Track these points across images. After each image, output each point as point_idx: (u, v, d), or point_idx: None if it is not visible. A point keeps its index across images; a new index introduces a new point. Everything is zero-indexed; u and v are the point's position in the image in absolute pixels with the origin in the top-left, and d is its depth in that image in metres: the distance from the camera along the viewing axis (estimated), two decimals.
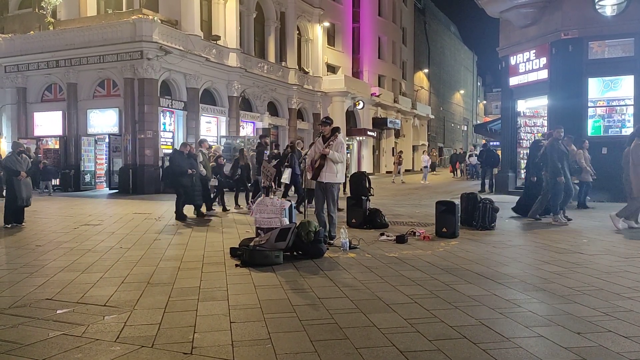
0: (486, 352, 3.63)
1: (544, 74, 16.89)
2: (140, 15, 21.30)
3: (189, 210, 11.81)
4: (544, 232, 9.57)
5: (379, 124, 40.17)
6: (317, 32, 34.31)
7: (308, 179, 12.10)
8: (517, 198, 16.36)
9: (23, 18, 25.75)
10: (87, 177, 21.69)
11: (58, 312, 4.60)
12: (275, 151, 15.89)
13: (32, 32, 24.05)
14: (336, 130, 8.08)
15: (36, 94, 23.83)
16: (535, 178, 11.35)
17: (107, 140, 21.32)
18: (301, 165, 10.52)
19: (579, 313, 4.52)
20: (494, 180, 19.51)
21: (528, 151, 12.69)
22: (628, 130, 14.91)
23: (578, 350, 3.65)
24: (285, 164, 13.60)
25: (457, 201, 9.53)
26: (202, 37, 24.03)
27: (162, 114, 22.12)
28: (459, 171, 34.65)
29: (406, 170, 38.32)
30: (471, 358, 3.53)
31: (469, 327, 4.14)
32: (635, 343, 3.80)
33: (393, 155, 36.88)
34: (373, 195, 12.24)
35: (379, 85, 42.24)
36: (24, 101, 23.73)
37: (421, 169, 30.99)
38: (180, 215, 11.35)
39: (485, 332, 4.05)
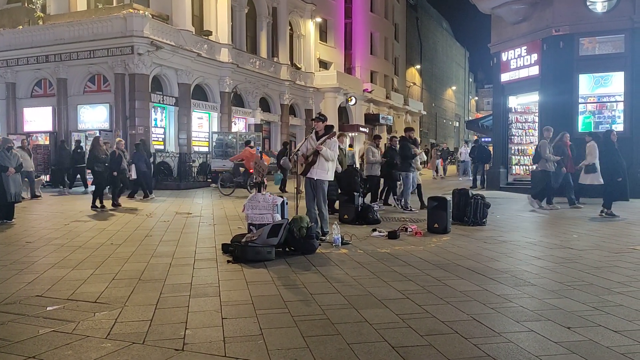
0: (477, 347, 3.64)
1: (535, 70, 16.95)
2: (130, 10, 21.17)
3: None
4: (535, 228, 9.63)
5: (371, 120, 40.20)
6: (309, 27, 34.24)
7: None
8: (508, 194, 16.49)
9: (12, 12, 25.50)
10: None
11: (48, 309, 4.56)
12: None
13: (21, 26, 23.82)
14: (331, 128, 8.10)
15: (26, 90, 23.63)
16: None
17: (97, 136, 21.16)
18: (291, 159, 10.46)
19: (569, 308, 4.55)
20: (485, 176, 19.59)
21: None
22: (618, 127, 15.04)
23: (568, 345, 3.67)
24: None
25: (449, 197, 9.57)
26: (194, 33, 23.93)
27: (153, 110, 22.02)
28: (441, 169, 30.15)
29: None
30: (462, 353, 3.55)
31: (460, 322, 4.16)
32: (624, 337, 3.83)
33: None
34: (365, 191, 12.28)
35: (371, 82, 42.26)
36: (14, 96, 23.53)
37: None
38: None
39: (477, 327, 4.07)
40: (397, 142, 12.49)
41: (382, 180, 12.74)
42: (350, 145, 33.30)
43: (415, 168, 12.07)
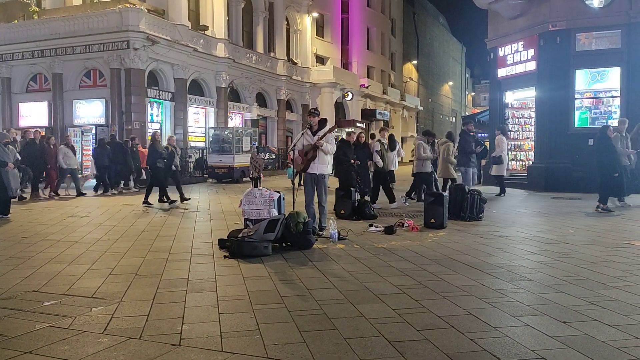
0: (473, 341, 3.66)
1: (531, 66, 16.97)
2: (126, 5, 21.06)
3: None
4: (532, 223, 9.66)
5: (368, 115, 40.18)
6: (306, 22, 34.16)
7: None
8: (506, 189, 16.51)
9: (7, 7, 25.35)
10: None
11: (45, 304, 4.56)
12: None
13: (16, 21, 23.69)
14: (325, 122, 8.09)
15: (21, 84, 23.52)
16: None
17: (93, 131, 21.10)
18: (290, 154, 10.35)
19: (565, 302, 4.57)
20: (481, 172, 19.60)
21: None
22: (614, 122, 15.06)
23: (564, 339, 3.69)
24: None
25: (445, 192, 9.58)
26: (190, 27, 23.84)
27: (149, 105, 21.95)
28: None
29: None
30: (459, 347, 3.56)
31: (456, 317, 4.17)
32: (620, 331, 3.85)
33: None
34: (361, 186, 12.27)
35: (368, 77, 42.23)
36: (9, 92, 23.43)
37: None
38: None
39: (473, 321, 4.08)
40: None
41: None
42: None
43: (474, 163, 11.72)
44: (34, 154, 14.07)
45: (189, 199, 13.06)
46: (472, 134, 12.11)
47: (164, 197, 12.65)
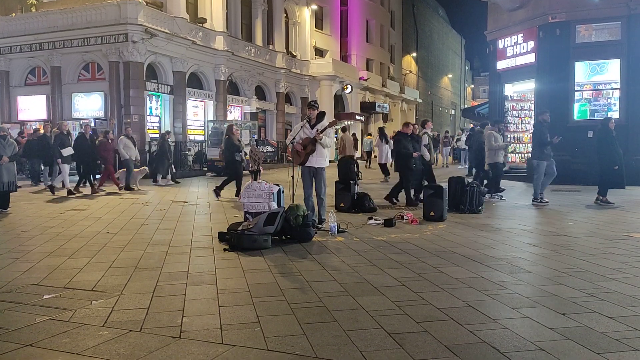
0: (473, 333, 3.67)
1: (531, 58, 16.93)
2: None
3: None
4: (531, 216, 9.67)
5: (367, 108, 40.09)
6: (305, 15, 34.00)
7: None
8: (504, 182, 16.49)
9: (4, 0, 25.22)
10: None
11: (45, 297, 4.56)
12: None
13: (14, 14, 23.57)
14: (323, 115, 8.08)
15: (19, 78, 23.43)
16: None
17: (92, 124, 21.02)
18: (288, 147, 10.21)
19: (564, 294, 4.58)
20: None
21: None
22: (614, 114, 15.05)
23: (563, 331, 3.70)
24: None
25: (445, 185, 9.59)
26: (188, 20, 23.72)
27: (148, 98, 21.88)
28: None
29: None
30: (458, 339, 3.57)
31: (456, 309, 4.18)
32: (619, 323, 3.86)
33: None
34: (361, 179, 12.28)
35: (367, 69, 42.07)
36: (7, 85, 23.33)
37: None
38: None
39: (472, 313, 4.09)
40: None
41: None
42: (369, 134, 32.50)
43: (548, 155, 11.01)
44: (84, 149, 13.70)
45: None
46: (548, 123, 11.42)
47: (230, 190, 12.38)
